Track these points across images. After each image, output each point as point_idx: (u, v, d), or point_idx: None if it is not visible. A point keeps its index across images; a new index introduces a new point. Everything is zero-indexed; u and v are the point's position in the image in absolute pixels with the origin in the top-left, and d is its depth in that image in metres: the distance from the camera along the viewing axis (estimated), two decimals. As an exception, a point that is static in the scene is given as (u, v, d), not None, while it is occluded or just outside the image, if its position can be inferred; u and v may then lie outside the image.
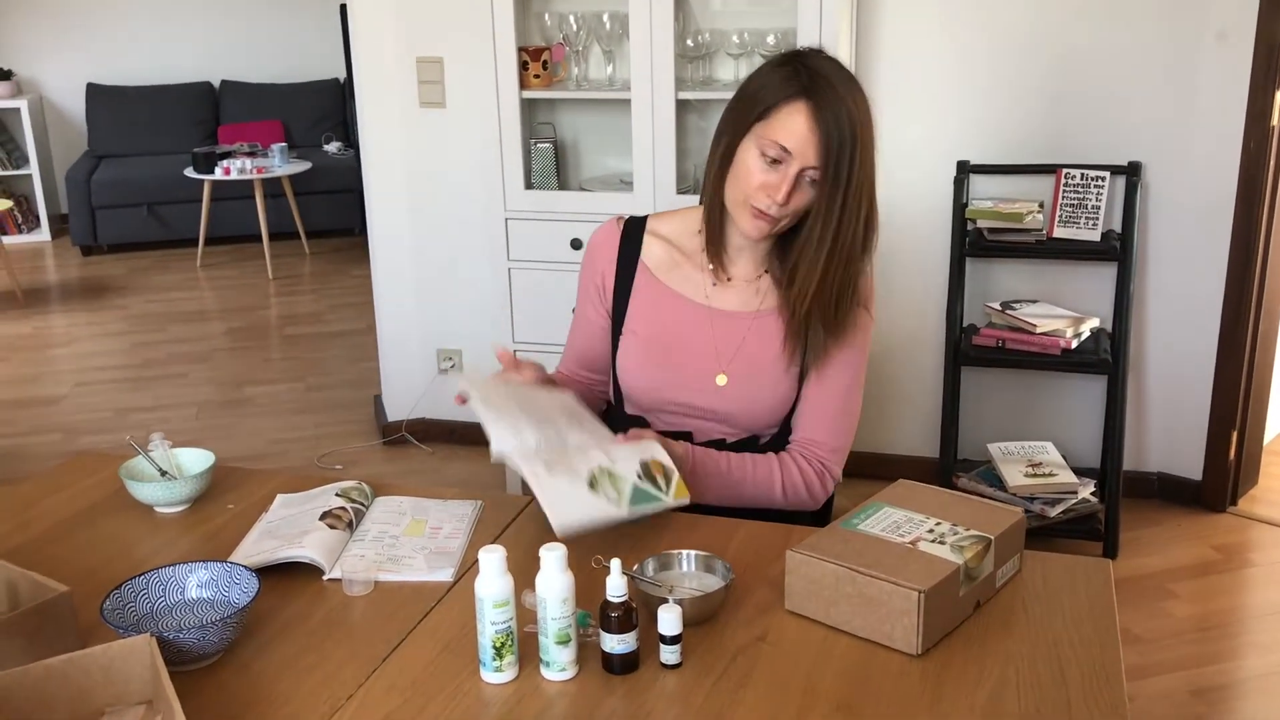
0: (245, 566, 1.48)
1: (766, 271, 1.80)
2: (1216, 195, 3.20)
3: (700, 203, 1.80)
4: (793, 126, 1.61)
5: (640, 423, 1.83)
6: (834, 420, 1.79)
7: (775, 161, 1.63)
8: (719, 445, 1.80)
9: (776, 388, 1.77)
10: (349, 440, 4.09)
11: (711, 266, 1.80)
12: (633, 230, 1.85)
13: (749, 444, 1.81)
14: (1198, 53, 3.12)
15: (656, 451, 1.62)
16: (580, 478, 1.55)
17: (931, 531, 1.47)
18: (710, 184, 1.73)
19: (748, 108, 1.66)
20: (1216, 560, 3.15)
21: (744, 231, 1.71)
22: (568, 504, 1.45)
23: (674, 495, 1.60)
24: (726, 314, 1.79)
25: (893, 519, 1.50)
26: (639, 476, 1.58)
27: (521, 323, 3.41)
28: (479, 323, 3.80)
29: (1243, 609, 2.95)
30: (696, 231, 1.82)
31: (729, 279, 1.80)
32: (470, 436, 3.94)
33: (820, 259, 1.66)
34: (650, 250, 1.84)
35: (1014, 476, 3.14)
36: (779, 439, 1.83)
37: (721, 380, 1.77)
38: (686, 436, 1.80)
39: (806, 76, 1.62)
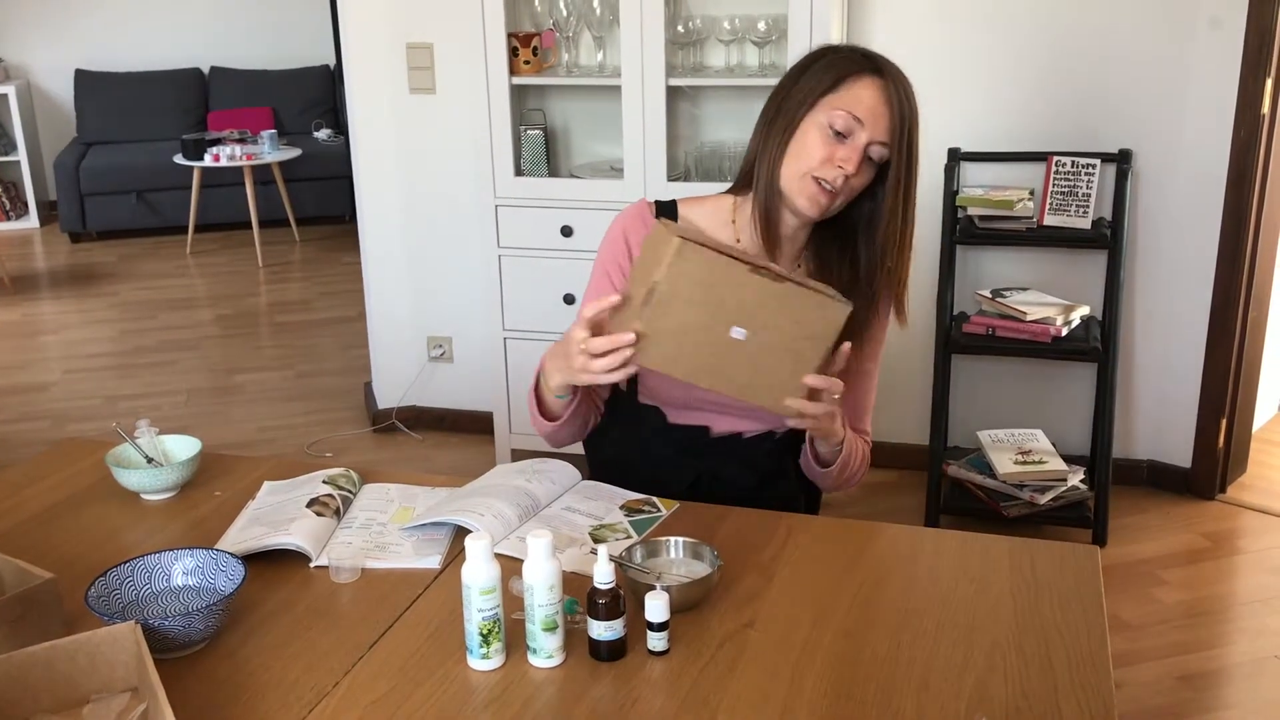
0: (231, 554, 1.48)
1: (800, 266, 1.76)
2: (1207, 183, 3.20)
3: (751, 189, 1.72)
4: (865, 98, 1.61)
5: (654, 412, 1.80)
6: (866, 409, 1.84)
7: (842, 135, 1.61)
8: (735, 439, 1.79)
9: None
10: (339, 428, 4.08)
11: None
12: (664, 216, 1.78)
13: (766, 438, 1.80)
14: (1189, 40, 3.12)
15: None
16: (585, 543, 1.59)
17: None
18: (767, 168, 1.67)
19: (814, 82, 1.63)
20: (1205, 547, 3.16)
21: (801, 209, 1.65)
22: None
23: (664, 508, 1.69)
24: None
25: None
26: (627, 514, 1.67)
27: (512, 310, 3.40)
28: (469, 310, 3.79)
29: (1231, 596, 2.96)
30: (729, 221, 1.76)
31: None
32: (461, 424, 3.94)
33: (896, 233, 1.66)
34: None
35: (1004, 464, 3.15)
36: (795, 432, 1.81)
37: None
38: (704, 430, 1.78)
39: (870, 57, 1.65)
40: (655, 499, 1.72)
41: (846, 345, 1.54)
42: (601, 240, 1.80)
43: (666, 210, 1.79)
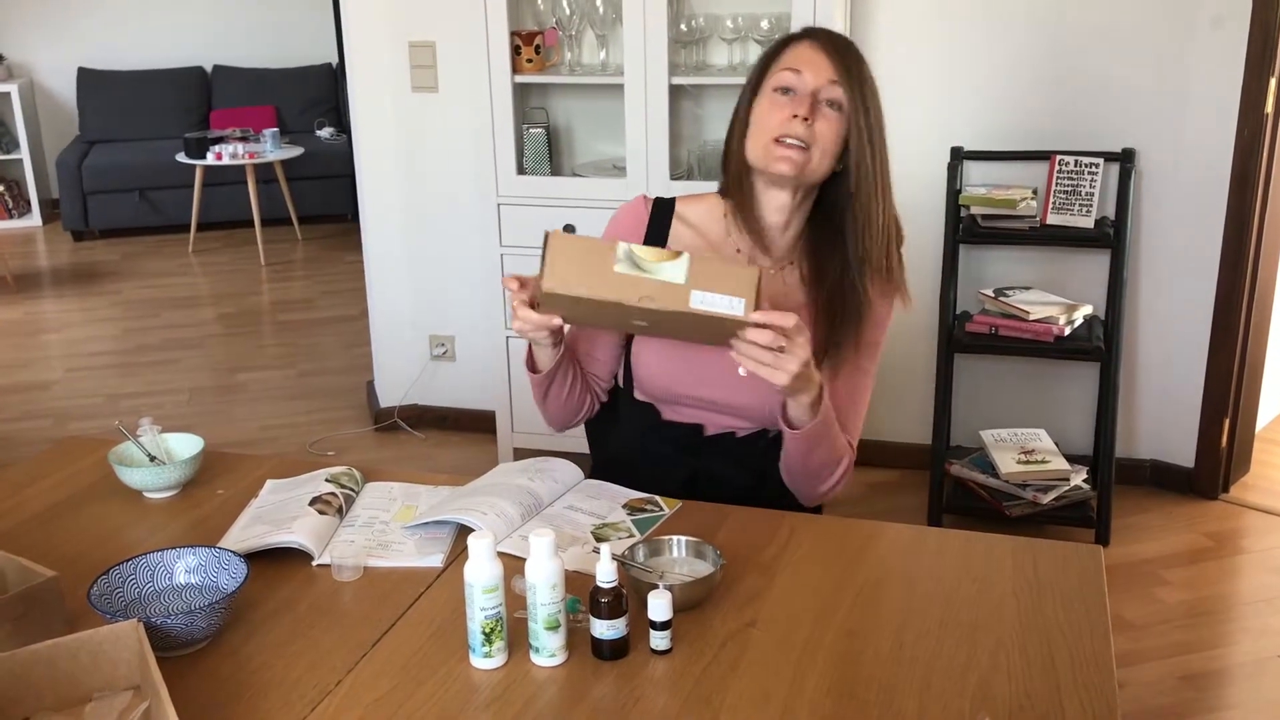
0: (234, 552, 1.47)
1: (793, 264, 1.76)
2: (1210, 182, 3.20)
3: (719, 190, 1.76)
4: (798, 54, 1.64)
5: (650, 410, 1.81)
6: (855, 415, 1.77)
7: (789, 90, 1.63)
8: (729, 437, 1.79)
9: None
10: (341, 426, 4.09)
11: (739, 251, 1.75)
12: (661, 213, 1.79)
13: (759, 436, 1.80)
14: (1192, 39, 3.11)
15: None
16: (588, 542, 1.59)
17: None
18: (733, 159, 1.70)
19: (755, 72, 1.69)
20: (1208, 547, 3.16)
21: (776, 170, 1.64)
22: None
23: (667, 507, 1.70)
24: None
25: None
26: (629, 513, 1.67)
27: (514, 309, 3.39)
28: (471, 309, 3.79)
29: (1234, 596, 2.96)
30: (722, 216, 1.77)
31: (765, 263, 1.75)
32: (463, 423, 3.94)
33: (876, 185, 1.65)
34: (678, 237, 1.78)
35: (1006, 463, 3.14)
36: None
37: (743, 371, 1.74)
38: (698, 429, 1.78)
39: (808, 28, 1.71)
40: (658, 498, 1.72)
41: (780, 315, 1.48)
42: (605, 228, 1.83)
43: (665, 208, 1.80)
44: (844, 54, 1.64)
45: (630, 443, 1.83)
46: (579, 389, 1.81)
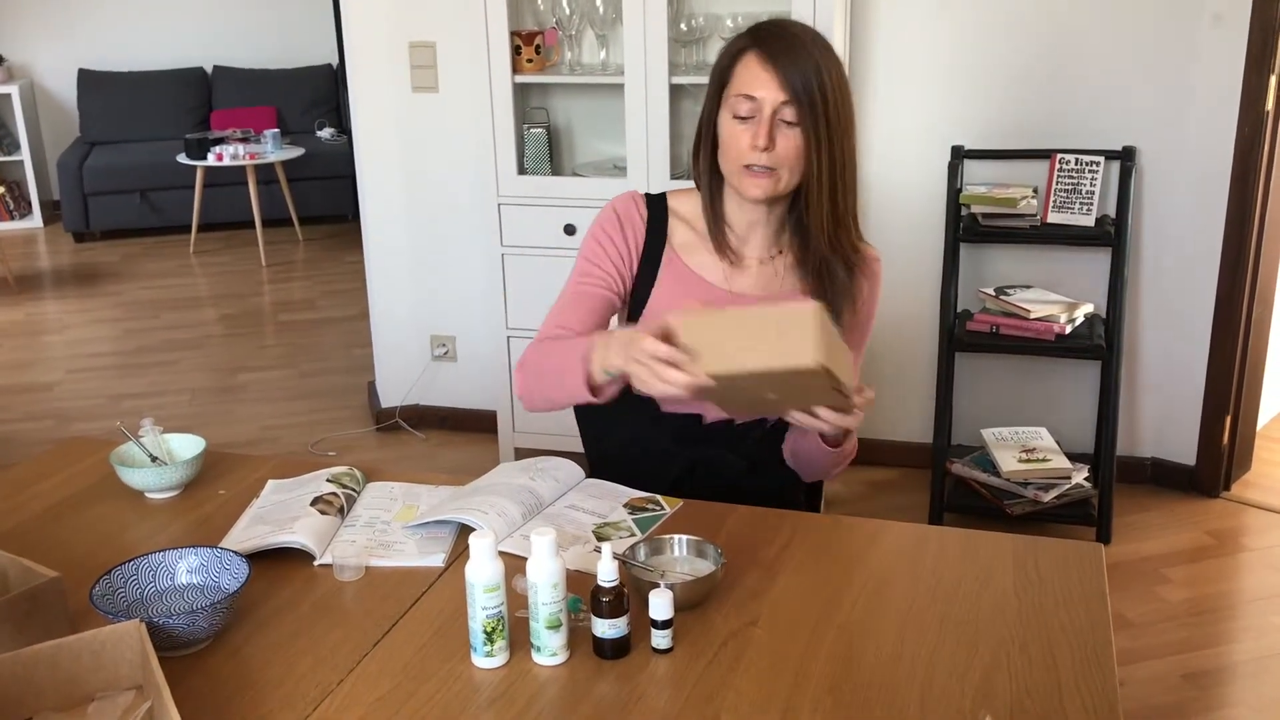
0: (235, 552, 1.48)
1: (782, 253, 1.77)
2: (1211, 180, 3.20)
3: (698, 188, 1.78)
4: (752, 75, 1.62)
5: (649, 403, 1.80)
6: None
7: (749, 117, 1.63)
8: (729, 425, 1.79)
9: None
10: (342, 426, 4.09)
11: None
12: (657, 209, 1.81)
13: (758, 424, 1.80)
14: (1192, 36, 3.11)
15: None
16: (589, 541, 1.59)
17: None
18: (703, 167, 1.72)
19: (714, 83, 1.69)
20: (1210, 545, 3.16)
21: (749, 196, 1.67)
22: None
23: (668, 506, 1.69)
24: (749, 297, 1.76)
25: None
26: (630, 512, 1.67)
27: (515, 308, 3.40)
28: (472, 309, 3.79)
29: (1235, 594, 2.96)
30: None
31: (742, 261, 1.77)
32: (464, 423, 3.94)
33: (824, 188, 1.64)
34: (676, 232, 1.80)
35: (1008, 462, 3.15)
36: (782, 423, 1.82)
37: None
38: (697, 418, 1.79)
39: (755, 31, 1.66)
40: (659, 497, 1.73)
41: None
42: (593, 221, 1.82)
43: (658, 205, 1.81)
44: (794, 63, 1.60)
45: (628, 438, 1.83)
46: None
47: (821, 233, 1.69)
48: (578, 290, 1.79)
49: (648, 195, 1.83)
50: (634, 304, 1.80)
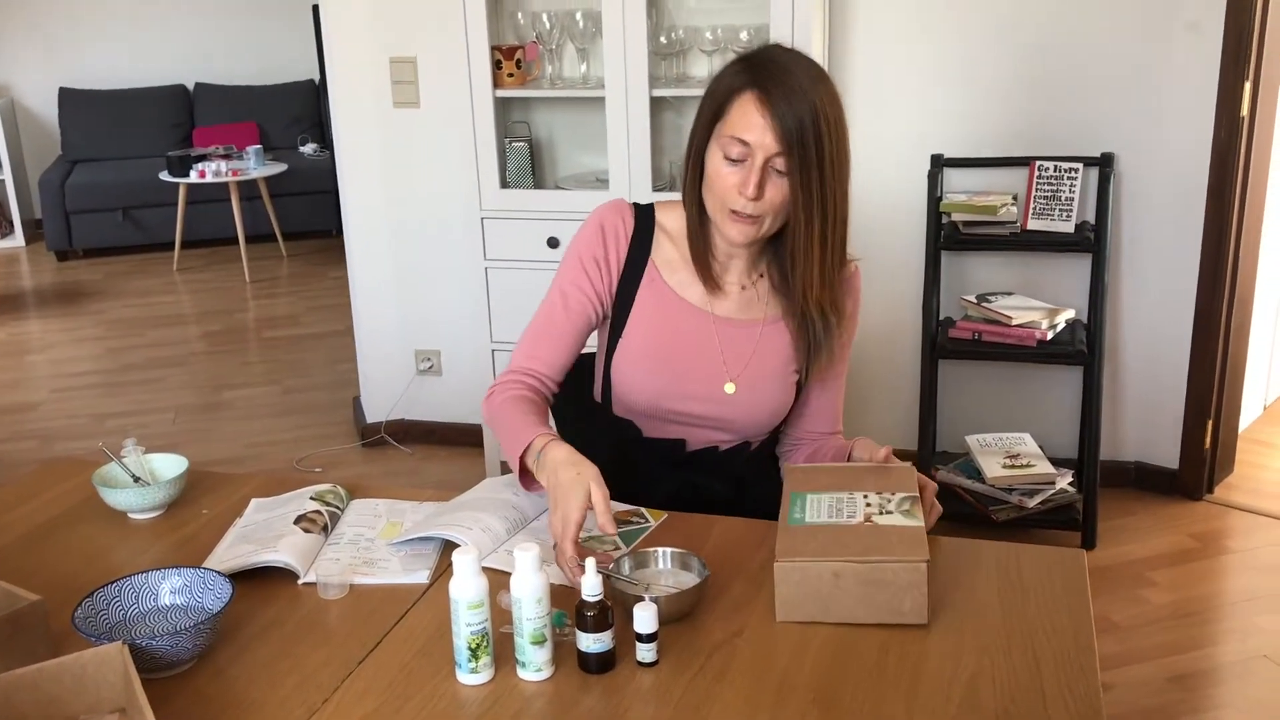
0: (219, 572, 1.47)
1: (763, 276, 1.76)
2: (1189, 185, 3.22)
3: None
4: (747, 119, 1.58)
5: (630, 427, 1.82)
6: (837, 412, 1.84)
7: (740, 160, 1.59)
8: (712, 452, 1.79)
9: (782, 393, 1.77)
10: (328, 443, 4.08)
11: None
12: (643, 221, 1.78)
13: (741, 449, 1.81)
14: (1169, 43, 3.14)
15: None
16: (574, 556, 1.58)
17: (870, 505, 1.50)
18: (688, 193, 1.70)
19: (706, 113, 1.64)
20: (1194, 548, 3.17)
21: (730, 239, 1.66)
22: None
23: (653, 518, 1.70)
24: (734, 322, 1.75)
25: (825, 504, 1.51)
26: (616, 525, 1.65)
27: (499, 322, 3.40)
28: (457, 323, 3.79)
29: (1220, 595, 2.97)
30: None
31: (724, 286, 1.76)
32: (450, 437, 3.94)
33: (814, 245, 1.62)
34: (660, 248, 1.77)
35: (992, 468, 3.16)
36: (767, 443, 1.84)
37: (730, 389, 1.75)
38: (680, 444, 1.79)
39: (754, 68, 1.59)
40: (644, 510, 1.73)
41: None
42: (579, 230, 1.79)
43: (646, 217, 1.79)
44: (792, 109, 1.55)
45: (616, 455, 1.83)
46: None
47: (809, 291, 1.67)
48: (551, 315, 1.77)
49: (636, 205, 1.80)
50: (615, 318, 1.78)
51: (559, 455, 1.56)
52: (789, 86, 1.56)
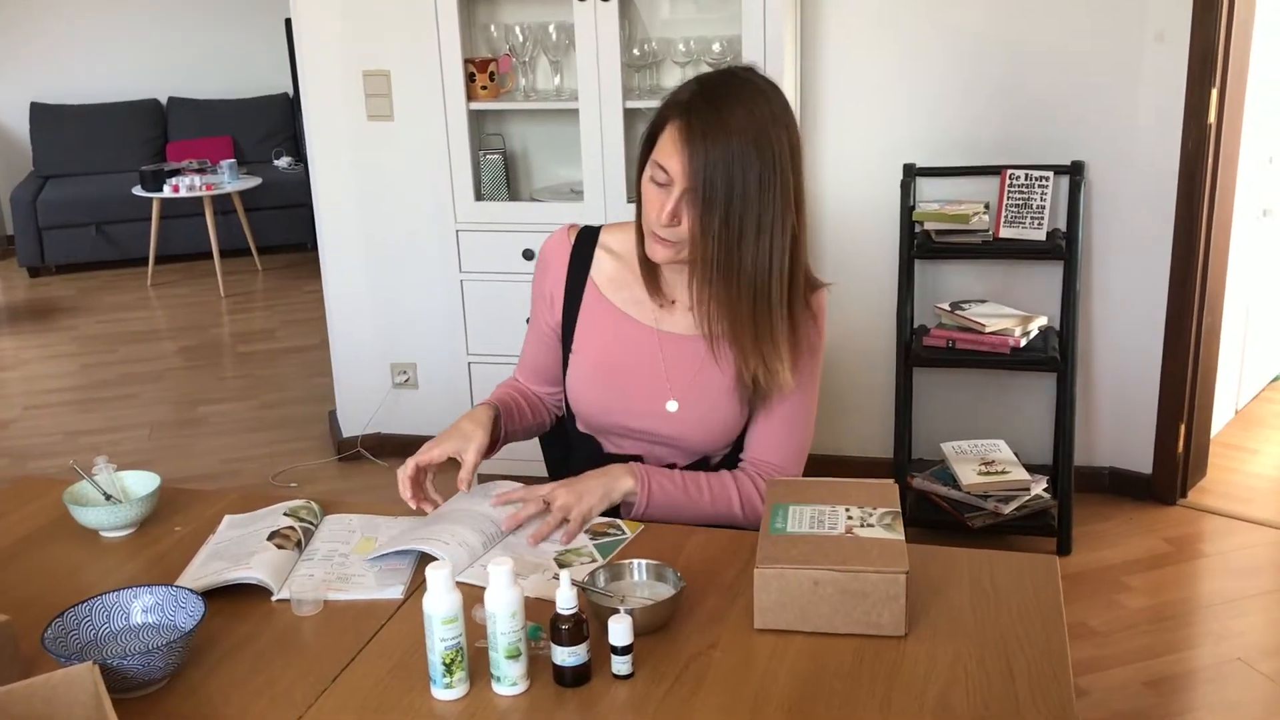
0: (191, 590, 1.46)
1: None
2: (1158, 192, 3.25)
3: None
4: (666, 148, 1.58)
5: (592, 443, 1.82)
6: (784, 440, 1.76)
7: (664, 185, 1.59)
8: (671, 470, 1.79)
9: (728, 411, 1.75)
10: (304, 457, 4.06)
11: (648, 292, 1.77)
12: (585, 242, 1.81)
13: (700, 466, 1.80)
14: (1137, 53, 3.17)
15: (593, 512, 1.69)
16: (549, 568, 1.59)
17: (852, 517, 1.51)
18: (637, 217, 1.71)
19: (648, 131, 1.64)
20: (1168, 552, 3.20)
21: (653, 258, 1.66)
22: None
23: (629, 530, 1.70)
24: (677, 338, 1.75)
25: (807, 515, 1.52)
26: (592, 538, 1.68)
27: (475, 335, 3.40)
28: (433, 336, 3.78)
29: (1195, 599, 3.00)
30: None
31: (672, 303, 1.76)
32: (427, 450, 3.92)
33: (707, 285, 1.60)
34: (600, 267, 1.79)
35: (967, 475, 3.17)
36: (729, 459, 1.82)
37: (673, 406, 1.75)
38: (638, 459, 1.79)
39: (695, 94, 1.58)
40: (620, 521, 1.73)
41: None
42: (535, 267, 1.88)
43: (589, 237, 1.82)
44: (703, 149, 1.52)
45: (584, 468, 1.83)
46: (530, 422, 1.90)
47: (744, 362, 1.65)
48: (528, 337, 1.91)
49: (585, 228, 1.83)
50: (564, 338, 1.83)
51: (472, 412, 1.79)
52: (713, 123, 1.53)
